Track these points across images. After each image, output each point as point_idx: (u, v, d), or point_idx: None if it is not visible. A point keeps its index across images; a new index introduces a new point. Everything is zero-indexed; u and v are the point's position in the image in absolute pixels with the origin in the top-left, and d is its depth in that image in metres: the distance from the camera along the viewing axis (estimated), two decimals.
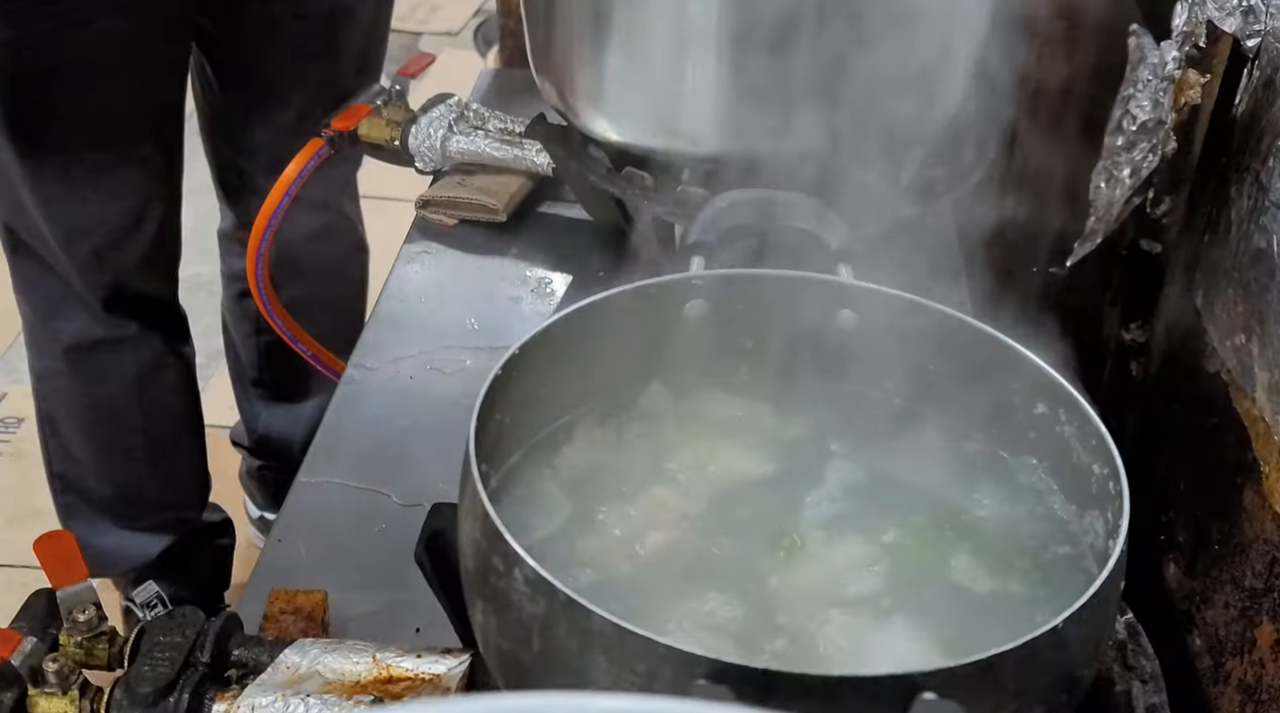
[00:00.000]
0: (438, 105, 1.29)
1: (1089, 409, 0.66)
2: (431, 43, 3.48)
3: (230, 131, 1.56)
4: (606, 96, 1.09)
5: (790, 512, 0.71)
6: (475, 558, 0.60)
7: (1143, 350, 1.23)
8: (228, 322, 1.76)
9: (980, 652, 0.54)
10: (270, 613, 0.81)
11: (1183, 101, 1.10)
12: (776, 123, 1.04)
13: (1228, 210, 1.02)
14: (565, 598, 0.55)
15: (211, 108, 1.56)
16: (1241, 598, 0.96)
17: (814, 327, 0.77)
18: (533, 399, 0.73)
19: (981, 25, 1.10)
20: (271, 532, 0.93)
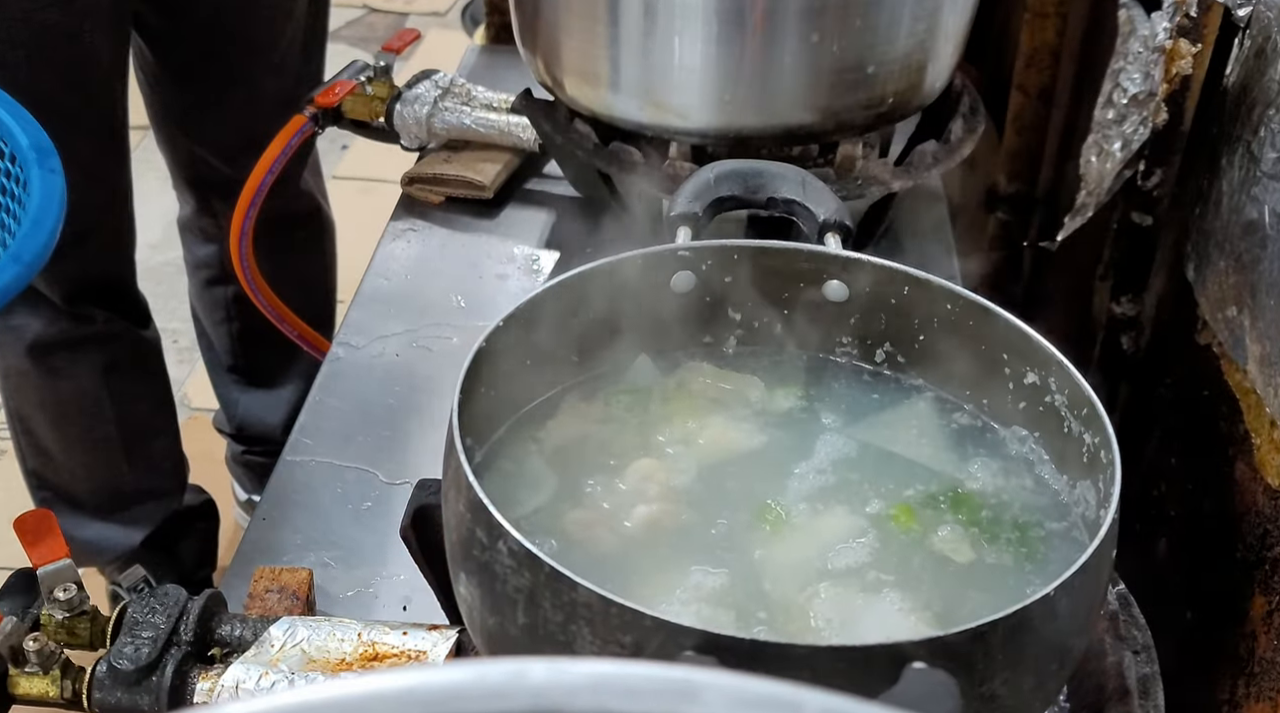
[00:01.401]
0: (423, 81, 1.28)
1: (1079, 378, 0.65)
2: (419, 23, 3.46)
3: (182, 120, 1.53)
4: (593, 70, 1.08)
5: (779, 484, 0.71)
6: (460, 531, 0.59)
7: (1134, 324, 1.22)
8: (197, 310, 1.73)
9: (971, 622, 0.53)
10: (255, 591, 0.81)
11: (1173, 72, 1.09)
12: (765, 96, 1.03)
13: (1219, 182, 1.01)
14: (550, 570, 0.54)
15: (160, 97, 1.52)
16: (1233, 570, 0.96)
17: (802, 298, 0.77)
18: (518, 373, 0.72)
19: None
20: (256, 510, 0.92)
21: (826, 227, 0.77)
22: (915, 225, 1.26)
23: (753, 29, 1.00)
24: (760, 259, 0.75)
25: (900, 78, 1.06)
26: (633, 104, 1.07)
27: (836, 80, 1.03)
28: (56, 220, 0.82)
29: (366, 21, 3.46)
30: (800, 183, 0.79)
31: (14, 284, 0.78)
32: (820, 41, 1.01)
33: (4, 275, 0.77)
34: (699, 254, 0.75)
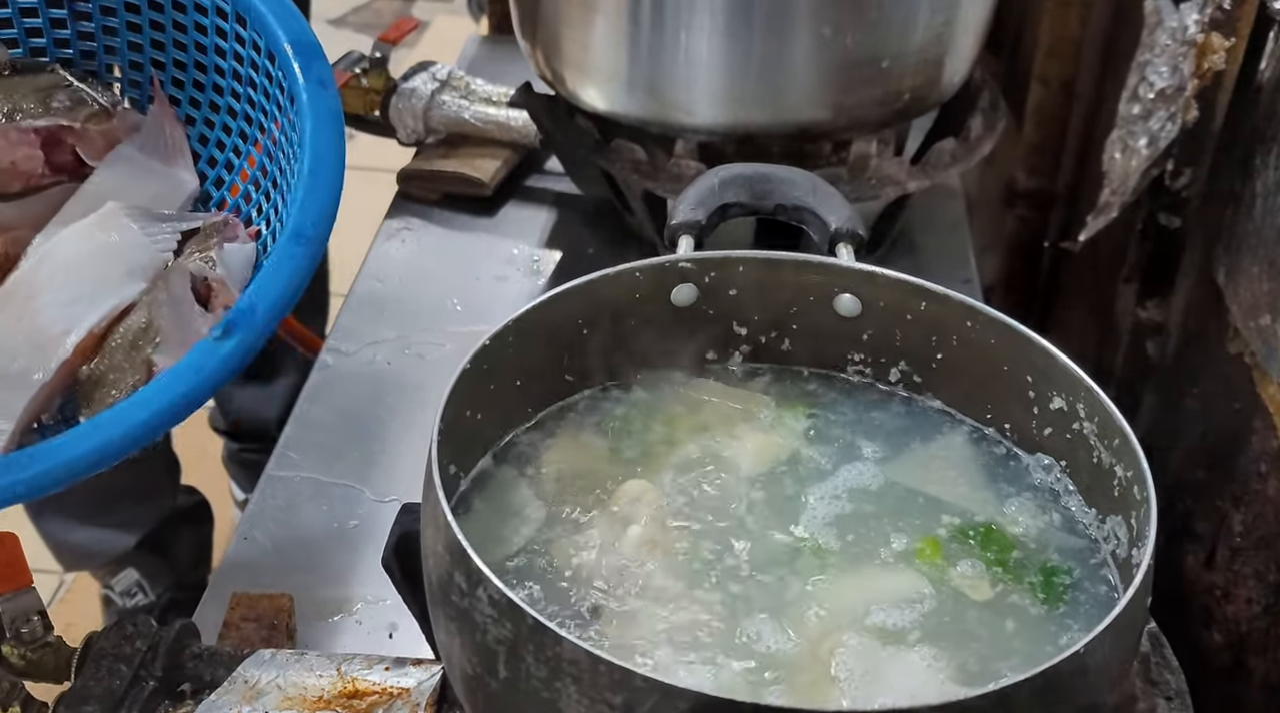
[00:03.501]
0: (420, 73, 1.24)
1: (1110, 406, 0.61)
2: (425, 9, 3.41)
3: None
4: (595, 64, 1.03)
5: (791, 513, 0.66)
6: (438, 573, 0.55)
7: (1160, 330, 1.18)
8: None
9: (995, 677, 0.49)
10: (230, 619, 0.76)
11: (1205, 67, 1.05)
12: (775, 92, 0.98)
13: (1252, 183, 0.97)
14: (533, 622, 0.49)
15: None
16: (1266, 593, 0.92)
17: (812, 312, 0.72)
18: (507, 393, 0.68)
19: None
20: (237, 529, 0.88)
21: (838, 236, 0.72)
22: (931, 224, 1.21)
23: (762, 21, 0.96)
24: (767, 272, 0.71)
25: (917, 72, 1.01)
26: (636, 99, 1.03)
27: (850, 75, 0.99)
28: (337, 167, 0.70)
29: (373, 8, 3.42)
30: (811, 189, 0.74)
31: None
32: (833, 34, 0.96)
33: (288, 262, 0.67)
34: (702, 266, 0.70)
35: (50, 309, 0.74)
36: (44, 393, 0.73)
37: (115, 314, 0.73)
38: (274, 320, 0.66)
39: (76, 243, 0.77)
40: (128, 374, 0.71)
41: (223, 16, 0.82)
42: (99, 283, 0.75)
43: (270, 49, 0.78)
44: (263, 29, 0.77)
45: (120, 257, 0.76)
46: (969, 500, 0.66)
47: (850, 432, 0.71)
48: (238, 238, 0.77)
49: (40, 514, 1.53)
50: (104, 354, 0.72)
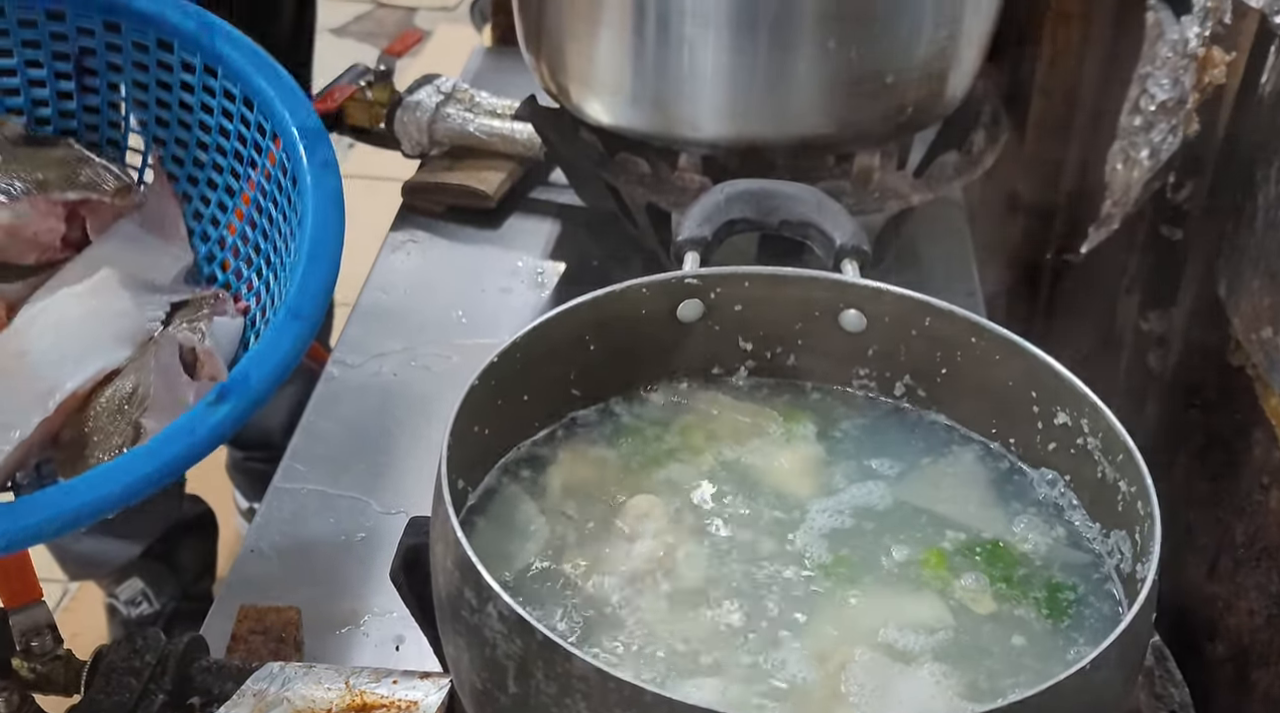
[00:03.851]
0: (424, 86, 1.24)
1: (1114, 421, 0.61)
2: (427, 18, 3.42)
3: None
4: (600, 78, 1.04)
5: (796, 528, 0.66)
6: (448, 589, 0.55)
7: (1162, 341, 1.18)
8: None
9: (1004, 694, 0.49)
10: (238, 633, 0.77)
11: (1206, 81, 1.05)
12: (779, 106, 0.99)
13: (1254, 196, 0.97)
14: (543, 638, 0.50)
15: None
16: (1268, 605, 0.92)
17: (818, 328, 0.72)
18: (515, 408, 0.68)
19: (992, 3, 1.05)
20: (244, 542, 0.88)
21: (843, 252, 0.73)
22: (934, 235, 1.22)
23: (766, 36, 0.96)
24: (773, 287, 0.71)
25: (920, 86, 1.02)
26: (641, 113, 1.04)
27: (854, 89, 0.99)
28: (336, 248, 0.71)
29: (375, 17, 3.43)
30: (816, 204, 0.75)
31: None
32: (837, 49, 0.97)
33: (281, 343, 0.66)
34: (708, 281, 0.71)
35: (36, 367, 0.74)
36: (20, 451, 0.73)
37: (100, 377, 0.73)
38: (267, 392, 0.67)
39: (68, 305, 0.78)
40: (113, 437, 0.72)
41: (230, 98, 0.82)
42: (87, 345, 0.75)
43: (276, 131, 0.78)
44: (269, 113, 0.78)
45: (109, 322, 0.76)
46: (974, 517, 0.66)
47: (857, 447, 0.71)
48: (227, 312, 0.77)
49: None
50: (88, 416, 0.73)
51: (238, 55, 0.79)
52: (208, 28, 0.79)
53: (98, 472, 0.63)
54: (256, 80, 0.78)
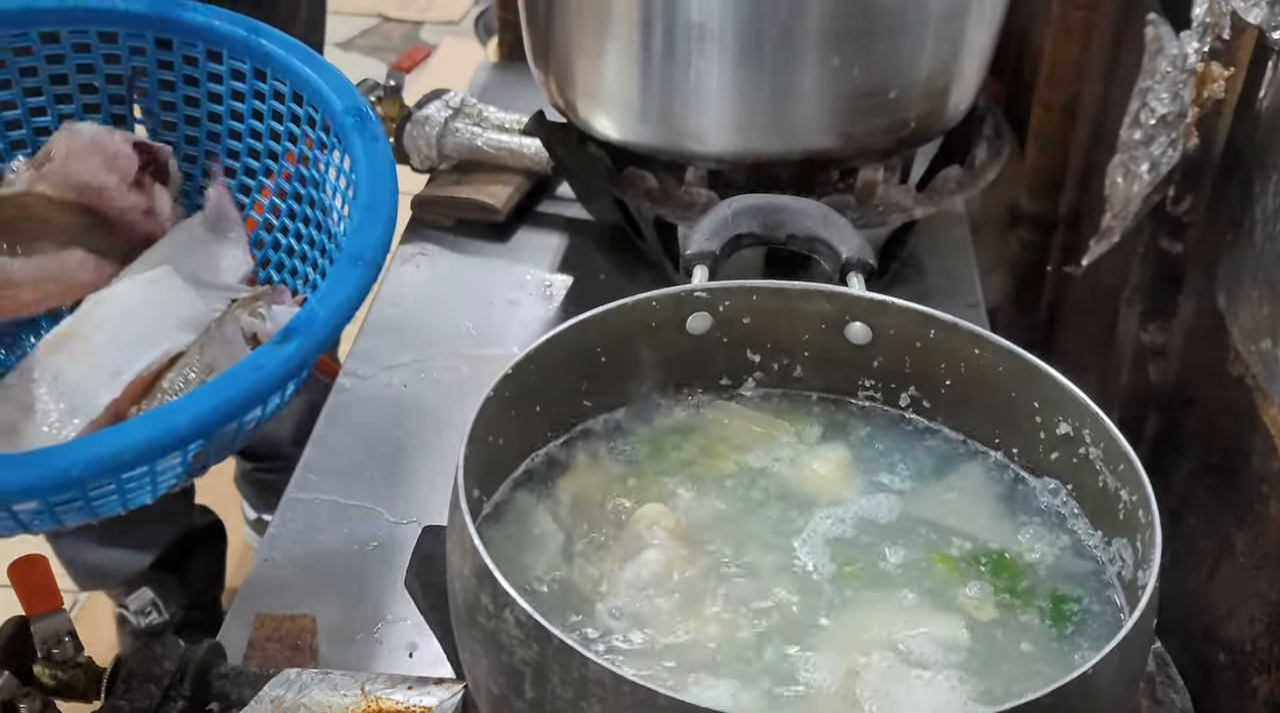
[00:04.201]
0: (433, 101, 1.26)
1: (1115, 431, 0.62)
2: (432, 32, 3.44)
3: None
4: (607, 93, 1.05)
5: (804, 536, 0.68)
6: (465, 596, 0.57)
7: (1162, 352, 1.19)
8: None
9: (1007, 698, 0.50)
10: (255, 640, 0.78)
11: (1205, 96, 1.06)
12: (784, 121, 1.00)
13: (1252, 209, 0.98)
14: (559, 643, 0.51)
15: None
16: (1268, 612, 0.93)
17: (824, 340, 0.74)
18: (528, 419, 0.69)
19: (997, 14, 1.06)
20: (259, 550, 0.90)
21: (849, 265, 0.74)
22: (936, 248, 1.23)
23: (772, 52, 0.98)
24: (780, 300, 0.72)
25: (923, 102, 1.03)
26: (648, 128, 1.05)
27: (857, 105, 1.01)
28: (390, 202, 0.74)
29: (381, 30, 3.45)
30: (822, 219, 0.76)
31: (358, 290, 0.69)
32: (841, 65, 0.98)
33: (343, 284, 0.69)
34: (716, 295, 0.72)
35: (103, 351, 0.76)
36: (90, 430, 0.75)
37: (165, 360, 0.75)
38: (332, 331, 0.68)
39: (132, 293, 0.80)
40: None
41: (279, 99, 0.85)
42: (151, 330, 0.77)
43: (326, 116, 0.81)
44: (319, 101, 0.80)
45: (172, 310, 0.79)
46: (979, 526, 0.67)
47: (862, 457, 0.73)
48: (284, 302, 0.79)
49: (56, 535, 1.54)
50: (155, 396, 0.74)
51: (284, 52, 0.81)
52: (255, 31, 0.82)
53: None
54: (305, 72, 0.80)
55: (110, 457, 0.62)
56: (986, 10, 1.02)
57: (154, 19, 0.84)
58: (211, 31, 0.83)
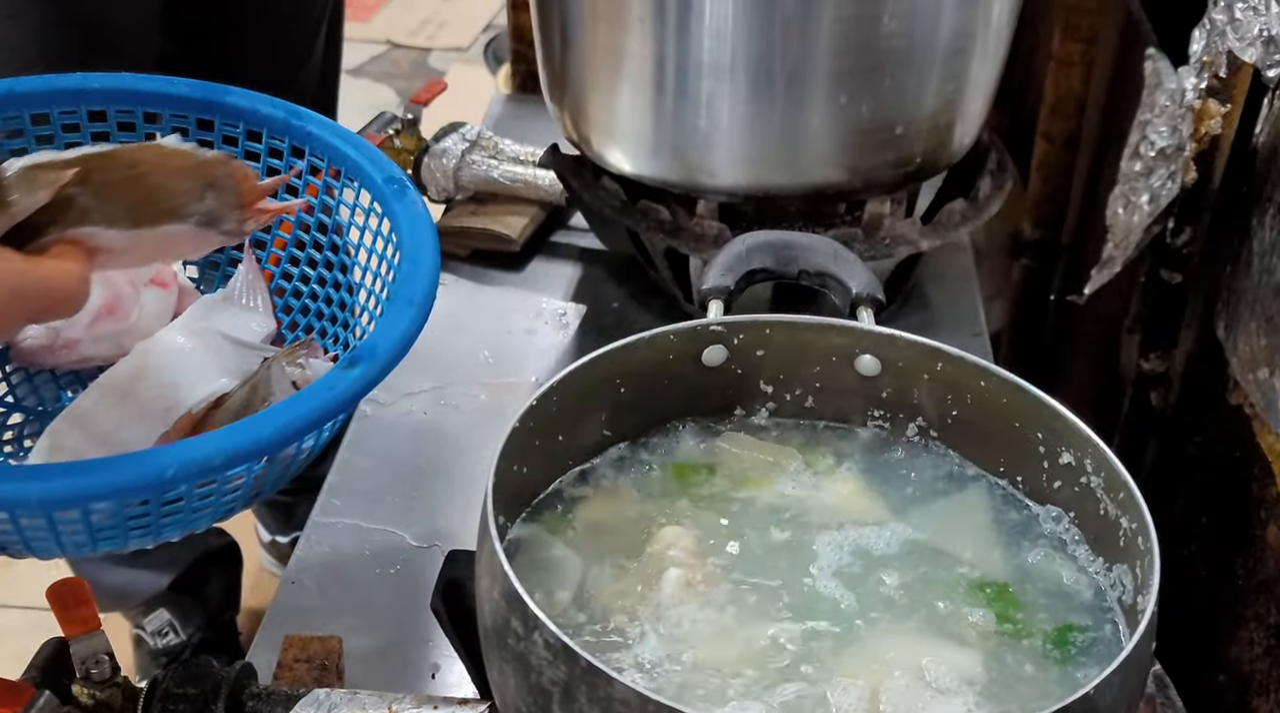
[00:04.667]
0: (450, 134, 1.29)
1: (1116, 461, 0.65)
2: (441, 59, 3.47)
3: None
4: (621, 128, 1.08)
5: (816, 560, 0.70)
6: (494, 619, 0.59)
7: (1163, 380, 1.22)
8: None
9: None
10: (284, 661, 0.81)
11: (1202, 131, 1.09)
12: (793, 156, 1.03)
13: (1249, 242, 1.01)
14: (586, 664, 0.54)
15: None
16: (1267, 635, 0.95)
17: (834, 371, 0.76)
18: (551, 448, 0.72)
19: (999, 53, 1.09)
20: (285, 573, 0.92)
21: (859, 300, 0.77)
22: (941, 278, 1.26)
23: (782, 89, 1.01)
24: (792, 334, 0.75)
25: (928, 137, 1.06)
26: (661, 162, 1.08)
27: (864, 140, 1.04)
28: (434, 256, 0.77)
29: (389, 58, 3.48)
30: (833, 255, 0.79)
31: (413, 326, 0.73)
32: (849, 102, 1.01)
33: (400, 321, 0.72)
34: (731, 329, 0.75)
35: (154, 390, 0.79)
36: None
37: (213, 400, 0.78)
38: (393, 360, 0.71)
39: (178, 340, 0.83)
40: None
41: (315, 173, 0.89)
42: (199, 372, 0.80)
43: (364, 186, 0.85)
44: (357, 173, 0.84)
45: (216, 357, 0.82)
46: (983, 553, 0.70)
47: (873, 485, 0.75)
48: (319, 357, 0.83)
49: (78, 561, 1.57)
50: (206, 430, 0.77)
51: (322, 132, 0.85)
52: (296, 114, 0.86)
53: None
54: (342, 148, 0.84)
55: (202, 460, 0.64)
56: (990, 50, 1.05)
57: (199, 102, 0.88)
58: (254, 114, 0.87)
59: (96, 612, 0.77)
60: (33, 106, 0.87)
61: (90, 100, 0.88)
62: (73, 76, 0.88)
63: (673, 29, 1.00)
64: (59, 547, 0.72)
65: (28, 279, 0.62)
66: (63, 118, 0.87)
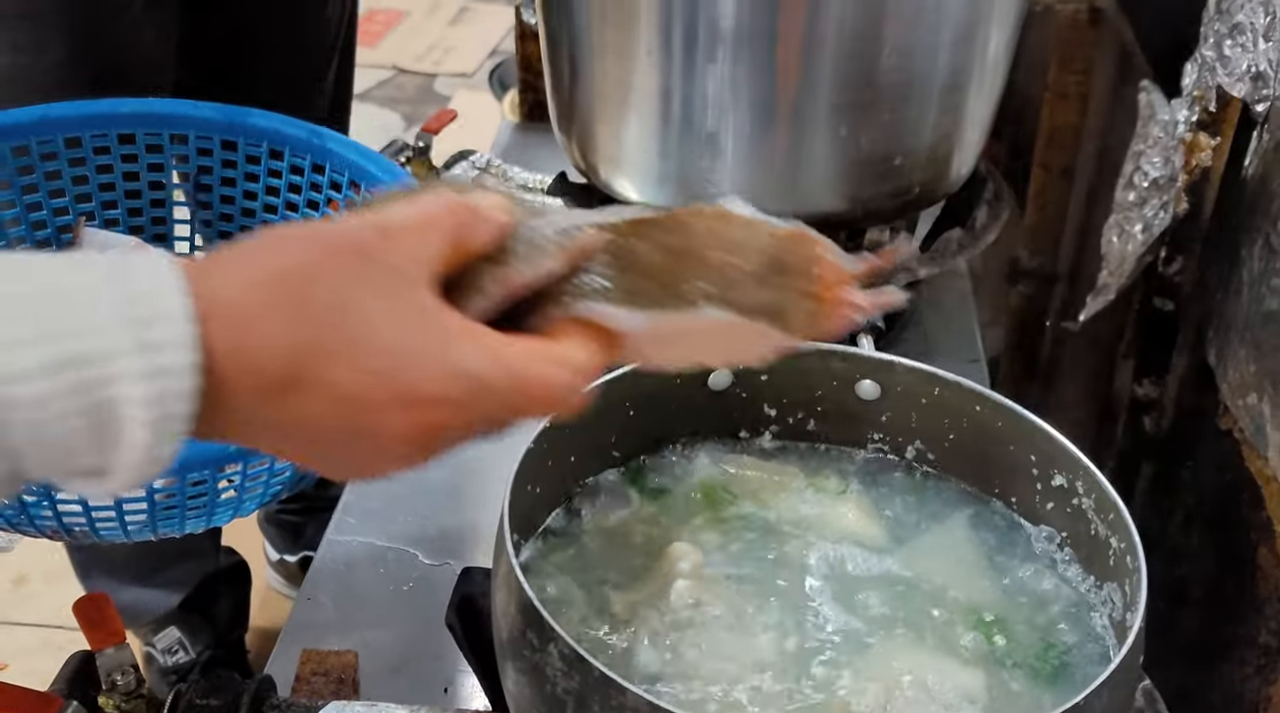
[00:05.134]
0: (460, 162, 1.32)
1: (1105, 483, 0.68)
2: (446, 84, 3.51)
3: None
4: (628, 158, 1.11)
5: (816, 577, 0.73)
6: (510, 631, 0.62)
7: (1156, 405, 1.24)
8: None
9: None
10: (302, 674, 0.83)
11: (1193, 163, 1.12)
12: (795, 186, 1.06)
13: (1239, 271, 1.03)
14: (599, 675, 0.56)
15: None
16: (1257, 656, 0.97)
17: (836, 396, 0.79)
18: (563, 468, 0.75)
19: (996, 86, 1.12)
20: (301, 589, 0.95)
21: (859, 327, 0.80)
22: (939, 304, 1.28)
23: (784, 122, 1.03)
24: (795, 359, 0.78)
25: (926, 168, 1.09)
26: (666, 191, 1.11)
27: (864, 171, 1.06)
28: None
29: (395, 83, 3.52)
30: None
31: None
32: (848, 134, 1.04)
33: None
34: None
35: None
36: None
37: None
38: None
39: None
40: None
41: (336, 188, 0.92)
42: None
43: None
44: (374, 185, 0.88)
45: None
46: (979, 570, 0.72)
47: (873, 505, 0.78)
48: None
49: (89, 575, 1.59)
50: None
51: (342, 149, 0.89)
52: (316, 133, 0.89)
53: None
54: (361, 163, 0.88)
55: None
56: (986, 84, 1.08)
57: (223, 123, 0.91)
58: (277, 134, 0.91)
59: (121, 626, 0.79)
60: (66, 130, 0.90)
61: (120, 124, 0.91)
62: (103, 102, 0.91)
63: (679, 62, 1.03)
64: (122, 530, 0.74)
65: (517, 379, 0.49)
66: (94, 141, 0.91)
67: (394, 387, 0.47)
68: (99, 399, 0.43)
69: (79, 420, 0.43)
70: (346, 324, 0.46)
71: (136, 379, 0.43)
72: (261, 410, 0.46)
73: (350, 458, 0.50)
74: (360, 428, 0.47)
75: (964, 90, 1.06)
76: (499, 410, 0.50)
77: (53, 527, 0.80)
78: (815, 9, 0.98)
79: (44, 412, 0.42)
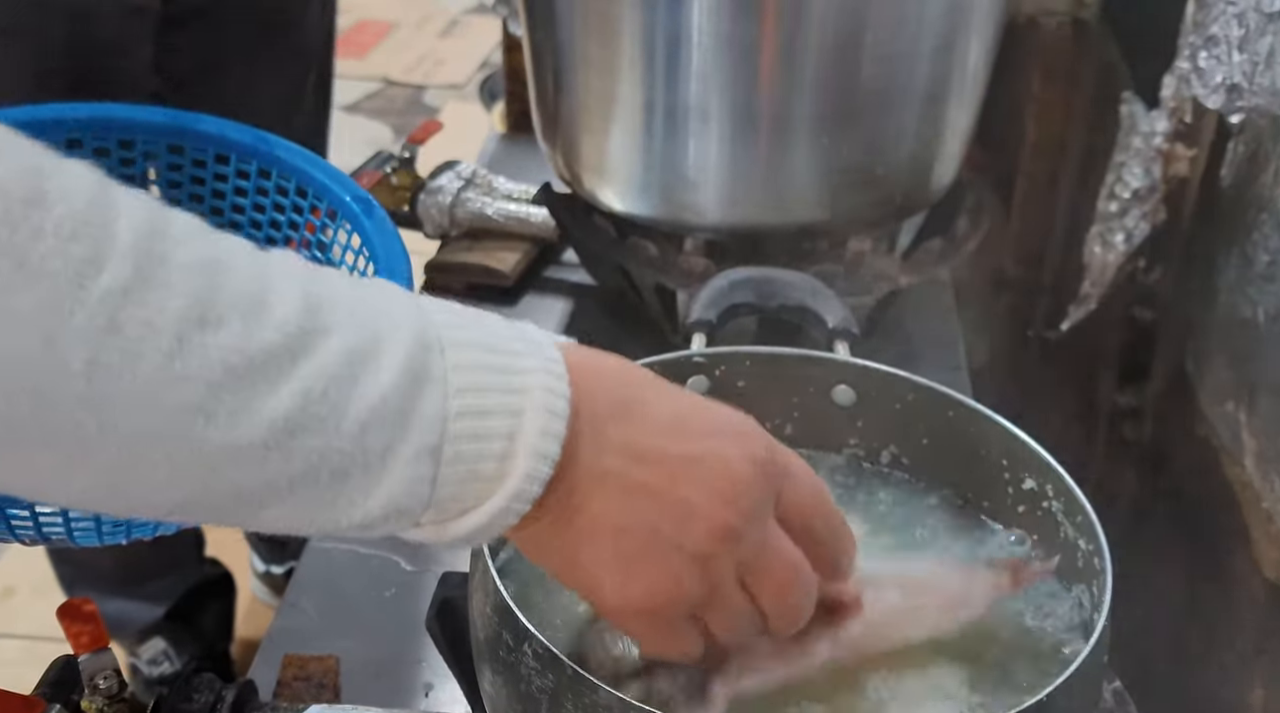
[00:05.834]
0: (445, 172, 1.33)
1: (1074, 486, 0.69)
2: (437, 96, 3.52)
3: None
4: (611, 168, 1.12)
5: None
6: (486, 631, 0.63)
7: (1136, 413, 1.26)
8: None
9: None
10: (284, 679, 0.84)
11: (1171, 174, 1.13)
12: (777, 196, 1.07)
13: (1216, 280, 1.05)
14: (572, 673, 0.57)
15: None
16: (1235, 660, 0.98)
17: (812, 401, 0.80)
18: None
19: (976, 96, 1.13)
20: (284, 596, 0.96)
21: (835, 333, 0.81)
22: (922, 312, 1.29)
23: (766, 132, 1.05)
24: (772, 365, 0.79)
25: (908, 178, 1.10)
26: (649, 201, 1.12)
27: (845, 180, 1.08)
28: (406, 265, 0.81)
29: (385, 95, 3.53)
30: (811, 290, 0.83)
31: None
32: (830, 144, 1.05)
33: None
34: (713, 360, 0.79)
35: None
36: None
37: None
38: None
39: None
40: None
41: (283, 193, 0.93)
42: None
43: (332, 206, 0.88)
44: (323, 194, 0.88)
45: None
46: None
47: (850, 509, 0.78)
48: None
49: (73, 586, 1.60)
50: None
51: (289, 155, 0.89)
52: (263, 139, 0.90)
53: None
54: (309, 171, 0.88)
55: None
56: (966, 94, 1.09)
57: (170, 128, 0.92)
58: (223, 139, 0.91)
59: (105, 630, 0.80)
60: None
61: (67, 129, 0.92)
62: (50, 107, 0.92)
63: (661, 74, 1.04)
64: (98, 535, 0.75)
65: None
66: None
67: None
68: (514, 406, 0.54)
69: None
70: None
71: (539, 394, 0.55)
72: (606, 429, 0.56)
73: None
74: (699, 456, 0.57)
75: (944, 100, 1.08)
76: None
77: (31, 535, 0.81)
78: (796, 20, 1.00)
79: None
